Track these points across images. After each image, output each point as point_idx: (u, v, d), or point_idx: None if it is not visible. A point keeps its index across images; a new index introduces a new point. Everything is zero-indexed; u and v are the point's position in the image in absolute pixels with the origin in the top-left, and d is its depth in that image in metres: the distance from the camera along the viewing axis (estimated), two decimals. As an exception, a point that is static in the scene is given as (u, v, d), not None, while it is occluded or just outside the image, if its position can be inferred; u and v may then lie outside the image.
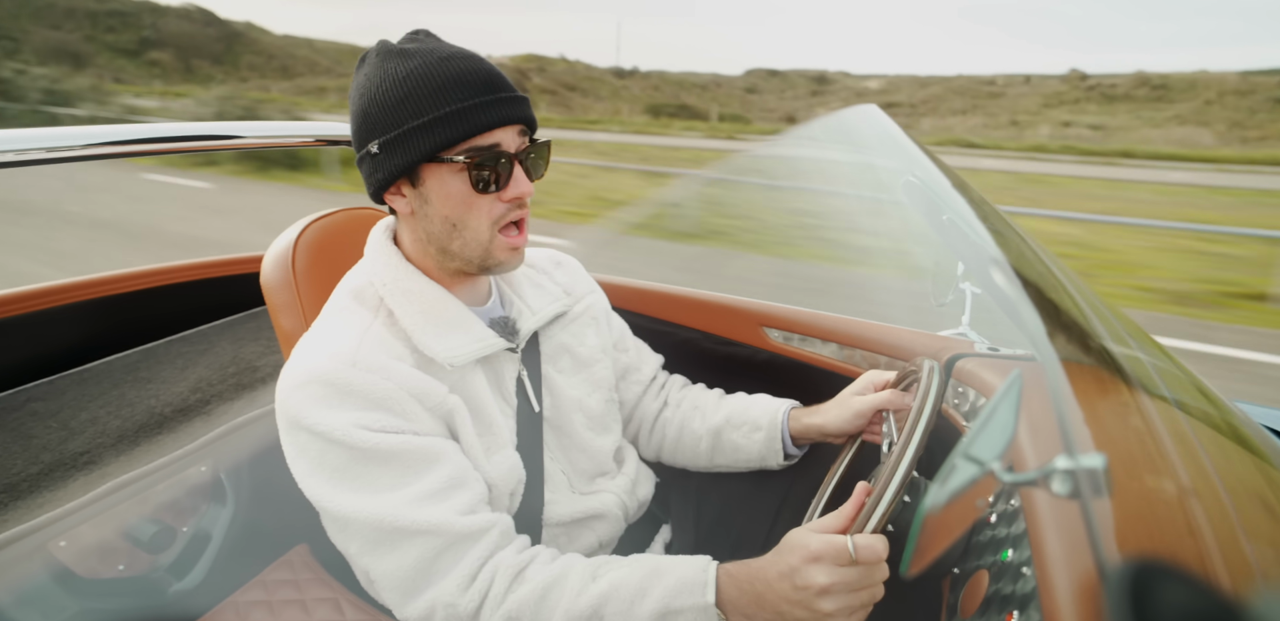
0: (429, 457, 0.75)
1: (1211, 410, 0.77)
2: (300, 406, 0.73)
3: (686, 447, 1.09)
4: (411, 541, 0.71)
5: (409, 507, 0.71)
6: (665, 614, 0.68)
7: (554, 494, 0.92)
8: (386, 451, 0.72)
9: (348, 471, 0.72)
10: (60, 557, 1.01)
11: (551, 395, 0.94)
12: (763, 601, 0.67)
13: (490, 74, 0.76)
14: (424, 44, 0.77)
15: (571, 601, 0.70)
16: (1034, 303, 0.54)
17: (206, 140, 1.29)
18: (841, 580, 0.63)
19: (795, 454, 1.03)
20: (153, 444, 1.22)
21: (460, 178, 0.76)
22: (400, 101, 0.73)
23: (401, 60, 0.75)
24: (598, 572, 0.73)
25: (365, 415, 0.73)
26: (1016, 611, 0.55)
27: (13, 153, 0.96)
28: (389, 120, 0.74)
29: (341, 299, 0.85)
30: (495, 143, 0.76)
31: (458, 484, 0.76)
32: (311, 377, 0.74)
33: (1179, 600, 0.43)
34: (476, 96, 0.74)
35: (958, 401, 0.99)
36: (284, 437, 0.76)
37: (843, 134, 0.95)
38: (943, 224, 0.70)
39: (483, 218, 0.78)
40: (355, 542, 0.74)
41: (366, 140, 0.77)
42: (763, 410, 1.04)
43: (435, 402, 0.78)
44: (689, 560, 0.72)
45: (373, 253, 0.86)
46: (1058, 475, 0.38)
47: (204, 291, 1.69)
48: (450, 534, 0.72)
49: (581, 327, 1.01)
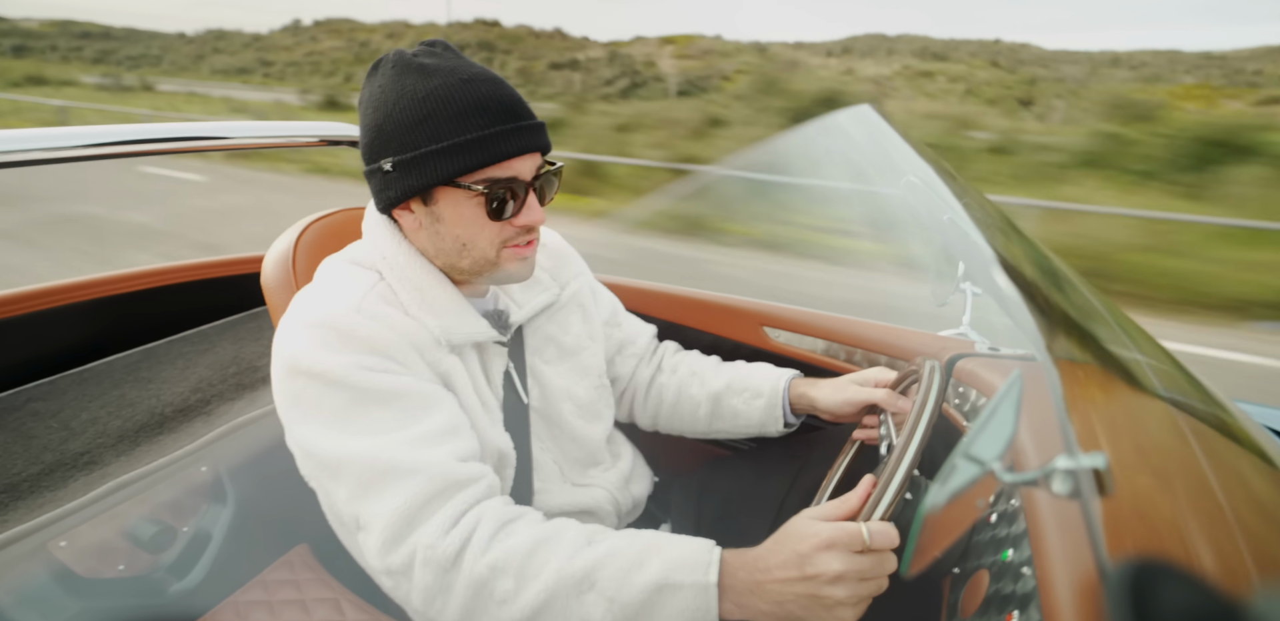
0: (428, 402, 0.75)
1: (1211, 410, 0.77)
2: (300, 349, 0.73)
3: (685, 413, 1.10)
4: (403, 482, 0.70)
5: (405, 447, 0.71)
6: (663, 587, 0.66)
7: (544, 483, 0.92)
8: (387, 392, 0.72)
9: (346, 413, 0.72)
10: (60, 557, 1.01)
11: (539, 386, 0.94)
12: (760, 589, 0.65)
13: (512, 100, 0.75)
14: (444, 60, 0.76)
15: (564, 561, 0.67)
16: (1034, 302, 0.54)
17: (206, 140, 1.29)
18: (855, 567, 0.62)
19: (794, 422, 1.04)
20: (153, 444, 1.23)
21: (475, 203, 0.76)
22: (419, 122, 0.73)
23: (421, 77, 0.74)
24: (593, 538, 0.71)
25: (367, 358, 0.73)
26: (1017, 611, 0.55)
27: (13, 153, 0.97)
28: (405, 140, 0.74)
29: (338, 264, 0.84)
30: (513, 173, 0.76)
31: (454, 431, 0.76)
32: (314, 321, 0.74)
33: (1179, 600, 0.43)
34: (498, 124, 0.74)
35: (958, 401, 0.99)
36: (280, 385, 0.75)
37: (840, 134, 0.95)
38: (943, 224, 0.70)
39: (493, 240, 0.79)
40: (345, 487, 0.72)
41: (379, 156, 0.76)
42: (764, 377, 1.05)
43: (434, 358, 0.79)
44: (691, 539, 0.71)
45: (372, 231, 0.85)
46: (1058, 475, 0.38)
47: (204, 291, 1.69)
48: (442, 477, 0.71)
49: (567, 316, 1.01)
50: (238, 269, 1.75)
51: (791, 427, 1.05)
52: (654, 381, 1.14)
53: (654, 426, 1.16)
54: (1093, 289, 0.86)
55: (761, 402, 1.03)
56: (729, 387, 1.06)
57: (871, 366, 1.22)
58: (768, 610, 0.65)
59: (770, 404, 1.03)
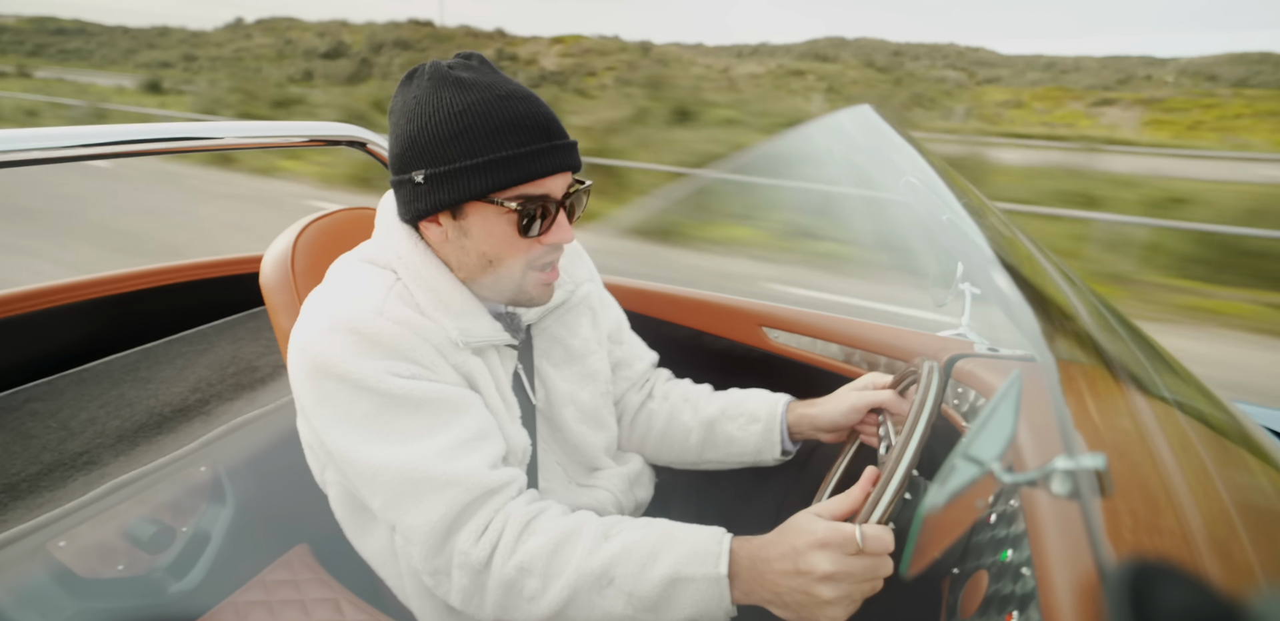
0: (458, 407, 0.76)
1: (1211, 410, 0.77)
2: (328, 352, 0.73)
3: (675, 440, 1.06)
4: (440, 493, 0.72)
5: (439, 457, 0.72)
6: (675, 580, 0.68)
7: (549, 483, 0.92)
8: (418, 398, 0.73)
9: (377, 419, 0.73)
10: (60, 557, 1.01)
11: (544, 388, 0.94)
12: (763, 579, 0.67)
13: (548, 118, 0.76)
14: (481, 75, 0.75)
15: (584, 558, 0.70)
16: (1033, 303, 0.54)
17: (206, 140, 1.29)
18: (845, 569, 0.63)
19: (791, 449, 1.01)
20: (152, 444, 1.22)
21: (506, 219, 0.76)
22: (455, 136, 0.73)
23: (459, 91, 0.74)
24: (610, 532, 0.73)
25: (395, 364, 0.74)
26: (1016, 611, 0.55)
27: (13, 153, 0.97)
28: (440, 154, 0.73)
29: (353, 263, 0.84)
30: (546, 191, 0.76)
31: (484, 435, 0.77)
32: (338, 324, 0.74)
33: (1179, 600, 0.43)
34: (534, 143, 0.74)
35: (958, 401, 0.99)
36: (305, 387, 0.75)
37: (840, 134, 0.95)
38: (942, 224, 0.70)
39: (520, 258, 0.79)
40: (381, 495, 0.73)
41: (411, 167, 0.76)
42: (760, 402, 1.03)
43: (459, 361, 0.79)
44: (703, 530, 0.72)
45: (388, 230, 0.84)
46: (1058, 475, 0.38)
47: (203, 291, 1.69)
48: (478, 487, 0.73)
49: (576, 317, 1.00)
50: (236, 269, 1.75)
51: (788, 456, 1.02)
52: (643, 408, 1.10)
53: (641, 454, 1.12)
54: (1092, 289, 0.86)
55: (758, 427, 1.00)
56: (723, 413, 1.03)
57: (870, 367, 1.22)
58: (769, 599, 0.67)
59: (768, 428, 0.99)
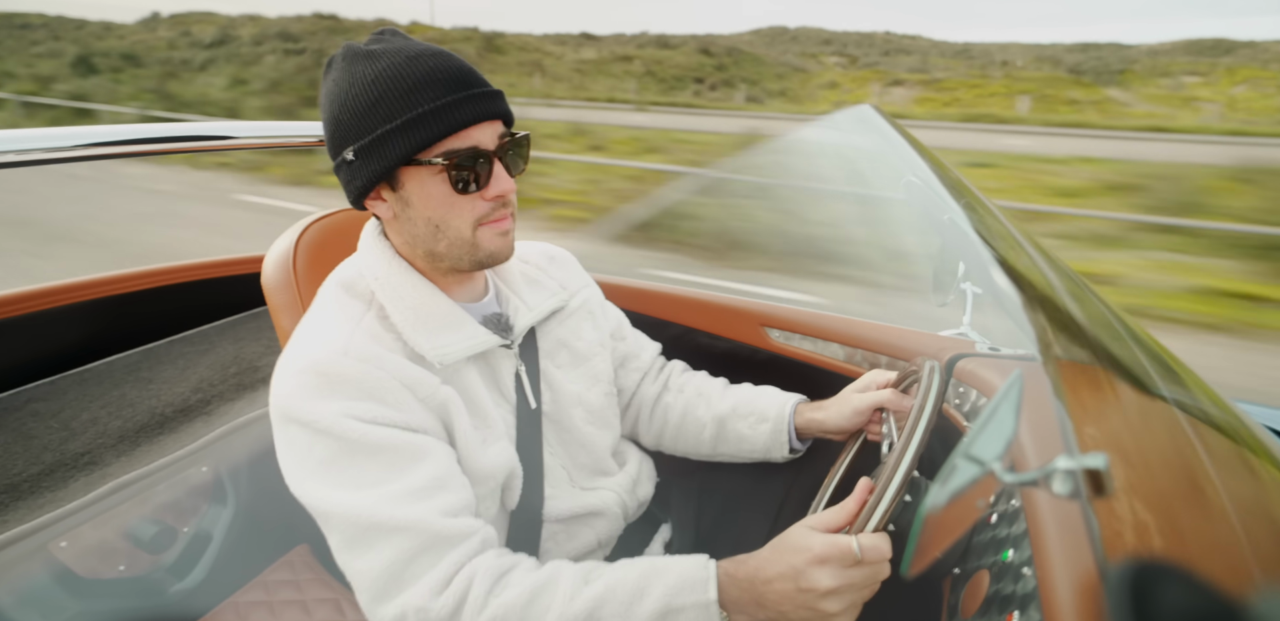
0: (416, 454, 0.73)
1: (1212, 410, 0.77)
2: (290, 397, 0.72)
3: (689, 434, 1.08)
4: (388, 539, 0.69)
5: (389, 504, 0.70)
6: (666, 612, 0.67)
7: (554, 489, 0.92)
8: (374, 444, 0.71)
9: (333, 464, 0.71)
10: (61, 558, 1.01)
11: (551, 390, 0.94)
12: (764, 600, 0.67)
13: (461, 70, 0.74)
14: (390, 43, 0.75)
15: (565, 605, 0.67)
16: (1034, 302, 0.54)
17: (206, 140, 1.29)
18: (847, 582, 0.64)
19: (799, 448, 1.03)
20: (153, 444, 1.23)
21: (440, 179, 0.75)
22: (372, 105, 0.72)
23: (369, 62, 0.73)
24: (589, 576, 0.71)
25: (356, 405, 0.72)
26: (1017, 611, 0.55)
27: (13, 153, 0.97)
28: (362, 125, 0.73)
29: (332, 291, 0.84)
30: (473, 142, 0.74)
31: (442, 485, 0.74)
32: (303, 367, 0.73)
33: (1179, 600, 0.43)
34: (448, 94, 0.72)
35: (958, 401, 0.99)
36: (275, 430, 0.75)
37: (840, 134, 0.95)
38: (943, 224, 0.70)
39: (466, 218, 0.77)
40: (334, 537, 0.72)
41: (341, 147, 0.76)
42: (770, 401, 1.04)
43: (427, 393, 0.77)
44: (686, 558, 0.71)
45: (365, 247, 0.85)
46: (1058, 475, 0.38)
47: (205, 292, 1.70)
48: (428, 534, 0.69)
49: (579, 322, 1.00)
50: (238, 269, 1.75)
51: (797, 453, 1.03)
52: (660, 400, 1.12)
53: (658, 446, 1.14)
54: (1093, 288, 0.86)
55: (767, 427, 1.01)
56: (734, 411, 1.04)
57: (871, 367, 1.22)
58: (774, 618, 0.67)
59: (776, 429, 1.01)
